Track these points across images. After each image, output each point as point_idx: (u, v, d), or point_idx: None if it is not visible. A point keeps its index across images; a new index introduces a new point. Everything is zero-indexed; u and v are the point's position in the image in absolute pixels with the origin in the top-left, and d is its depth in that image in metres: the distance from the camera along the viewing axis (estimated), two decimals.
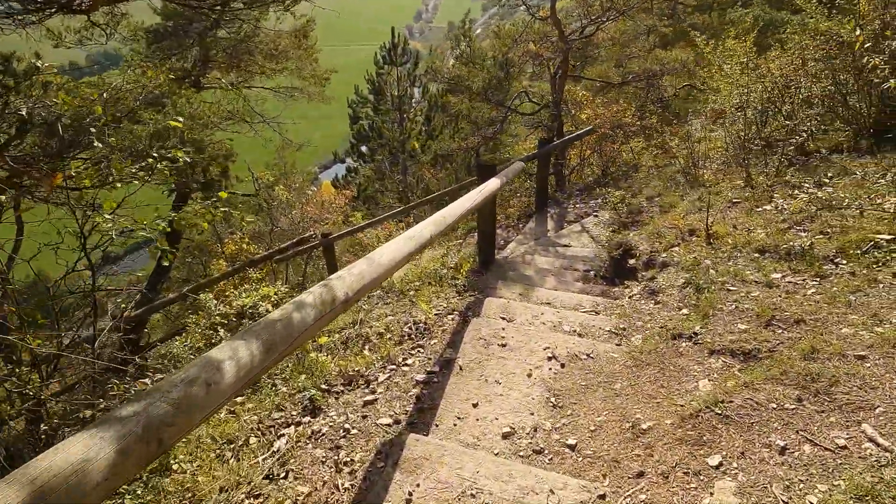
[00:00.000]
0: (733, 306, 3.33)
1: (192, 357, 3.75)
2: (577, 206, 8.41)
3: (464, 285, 4.59)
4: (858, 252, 3.49)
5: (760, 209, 4.77)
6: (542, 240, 7.21)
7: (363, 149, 20.82)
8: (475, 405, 2.90)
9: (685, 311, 3.56)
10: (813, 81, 6.07)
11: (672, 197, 5.89)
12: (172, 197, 12.43)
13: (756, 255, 3.89)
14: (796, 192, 4.94)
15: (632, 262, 4.66)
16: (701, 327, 3.23)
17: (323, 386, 3.20)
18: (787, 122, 6.41)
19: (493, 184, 4.60)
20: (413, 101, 20.67)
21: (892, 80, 4.43)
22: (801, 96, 6.15)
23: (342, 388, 3.19)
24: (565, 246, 6.81)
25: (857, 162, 5.11)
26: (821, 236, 3.85)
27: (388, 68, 19.06)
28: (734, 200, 5.11)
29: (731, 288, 3.54)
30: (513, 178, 5.99)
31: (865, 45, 5.13)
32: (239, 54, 12.12)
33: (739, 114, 7.16)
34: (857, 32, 5.19)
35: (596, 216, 7.55)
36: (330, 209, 10.93)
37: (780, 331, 2.97)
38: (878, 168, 4.81)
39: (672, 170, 8.06)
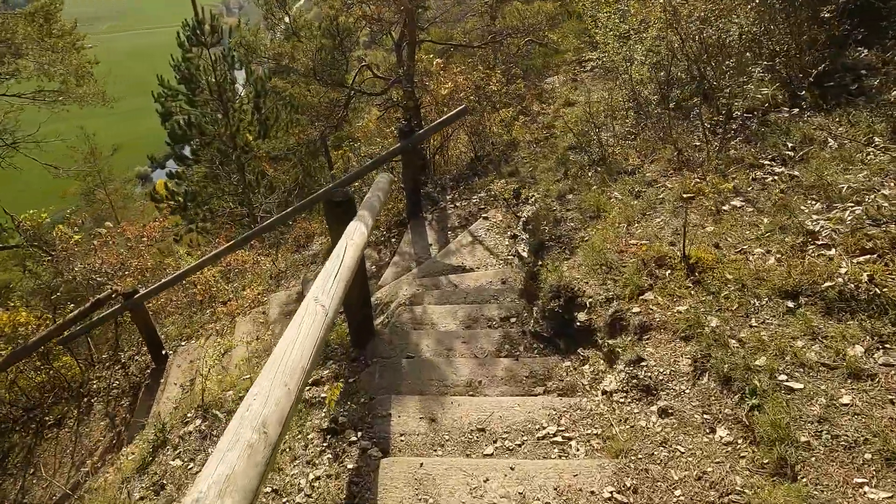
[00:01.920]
0: (825, 434, 1.87)
1: None
2: (458, 203, 6.79)
3: (335, 419, 2.73)
4: None
5: (728, 207, 3.44)
6: (427, 263, 5.50)
7: (186, 150, 17.42)
8: None
9: (728, 435, 2.06)
10: (724, 21, 4.88)
11: (592, 195, 4.43)
12: None
13: (786, 302, 2.49)
14: (759, 173, 3.69)
15: (581, 316, 3.10)
16: (788, 486, 1.73)
17: None
18: (698, 76, 5.24)
19: (357, 239, 2.75)
20: (238, 86, 17.60)
21: None
22: (712, 41, 4.95)
23: None
24: (460, 270, 5.16)
25: (813, 122, 3.98)
26: (870, 260, 2.53)
27: (197, 51, 15.81)
28: (684, 194, 3.74)
29: (794, 385, 2.09)
30: (386, 200, 4.15)
31: None
32: None
33: (635, 69, 5.94)
34: None
35: (486, 218, 5.98)
36: (149, 235, 8.21)
37: None
38: (849, 130, 3.67)
39: (562, 146, 6.70)
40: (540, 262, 4.02)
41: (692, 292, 2.79)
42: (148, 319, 6.46)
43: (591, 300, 3.12)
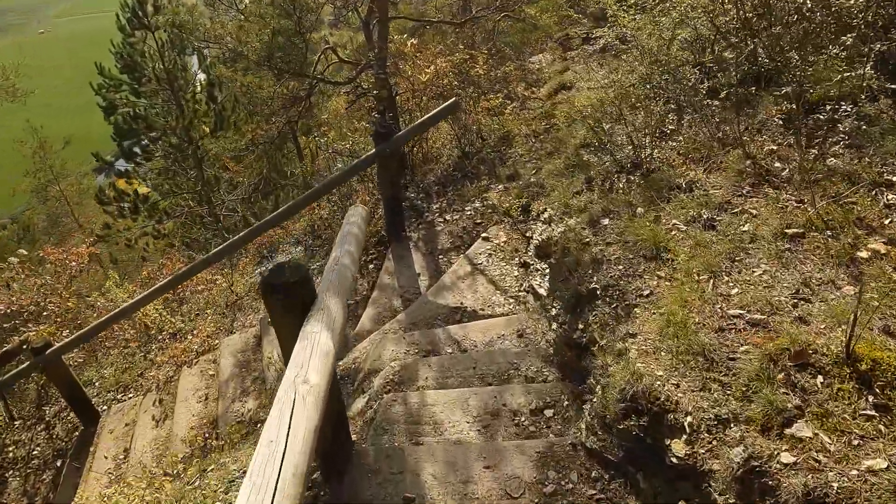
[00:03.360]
0: None
1: None
2: (448, 216, 5.59)
3: None
4: None
5: (867, 254, 2.33)
6: (417, 304, 4.32)
7: (137, 147, 15.66)
8: None
9: None
10: None
11: (642, 224, 3.27)
12: None
13: None
14: (891, 196, 2.60)
15: (678, 447, 1.96)
16: None
17: None
18: (750, 55, 4.12)
19: (318, 369, 1.56)
20: (192, 73, 15.91)
21: None
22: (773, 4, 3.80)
23: None
24: (460, 315, 4.01)
25: None
26: None
27: (141, 34, 14.09)
28: (788, 230, 2.63)
29: None
30: (360, 256, 2.92)
31: None
32: None
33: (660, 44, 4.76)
34: None
35: (486, 239, 4.81)
36: (77, 262, 6.77)
37: None
38: None
39: (572, 143, 5.54)
40: (581, 326, 2.88)
41: (881, 427, 1.68)
42: (68, 375, 5.17)
43: (690, 419, 1.99)
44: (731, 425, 1.90)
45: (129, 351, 6.47)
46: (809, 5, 3.40)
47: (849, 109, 3.17)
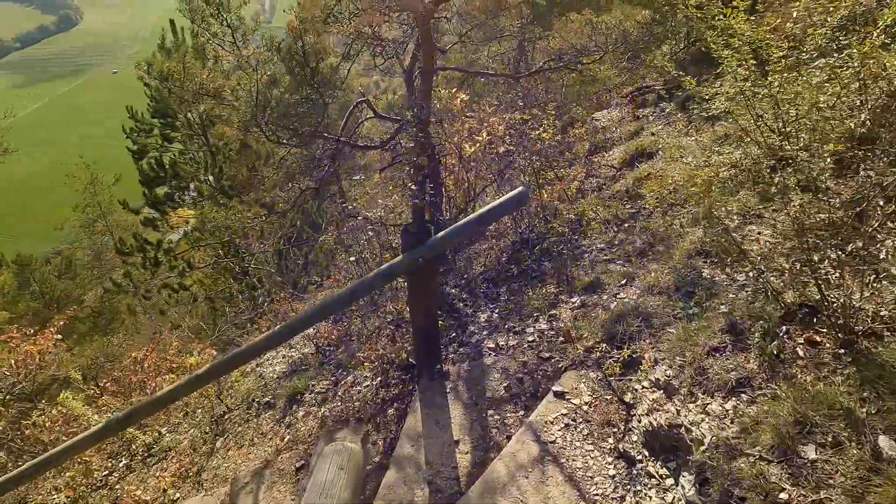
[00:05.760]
0: None
1: None
2: (500, 339, 4.02)
3: None
4: None
5: None
6: None
7: (181, 194, 14.72)
8: None
9: None
10: None
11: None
12: None
13: None
14: None
15: None
16: None
17: None
18: None
19: None
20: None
21: None
22: None
23: None
24: None
25: None
26: None
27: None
28: None
29: None
30: None
31: None
32: None
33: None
34: None
35: (561, 396, 3.20)
36: (40, 351, 5.41)
37: None
38: None
39: (681, 247, 3.94)
40: None
41: None
42: None
43: None
44: None
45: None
46: None
47: None
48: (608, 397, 3.06)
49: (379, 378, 4.12)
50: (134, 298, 15.03)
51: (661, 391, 2.80)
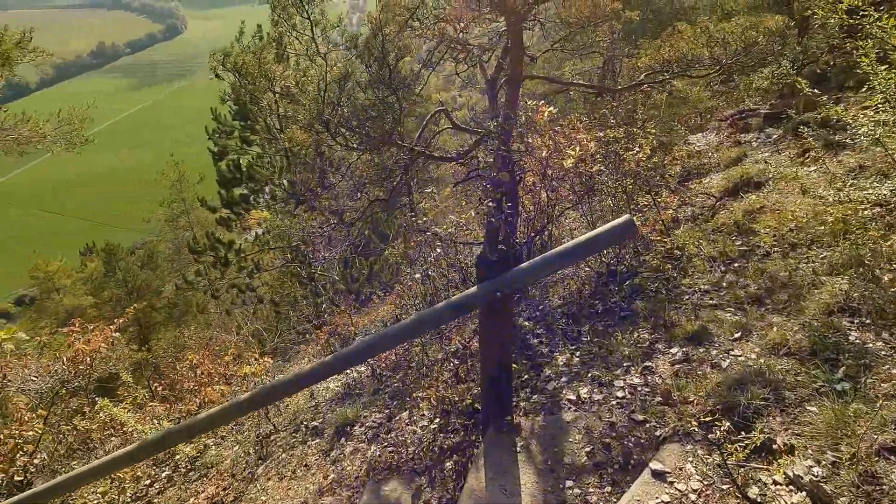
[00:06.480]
0: None
1: None
2: (581, 388, 3.42)
3: None
4: None
5: None
6: None
7: (256, 197, 14.95)
8: None
9: None
10: None
11: None
12: None
13: None
14: None
15: None
16: None
17: None
18: None
19: None
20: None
21: None
22: None
23: None
24: None
25: None
26: None
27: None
28: None
29: None
30: None
31: None
32: None
33: None
34: None
35: (660, 476, 2.57)
36: (93, 349, 5.24)
37: None
38: None
39: (817, 301, 3.21)
40: None
41: None
42: None
43: None
44: None
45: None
46: None
47: None
48: (724, 487, 2.41)
49: (438, 420, 3.61)
50: (204, 296, 15.34)
51: (805, 495, 2.13)
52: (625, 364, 3.51)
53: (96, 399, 4.87)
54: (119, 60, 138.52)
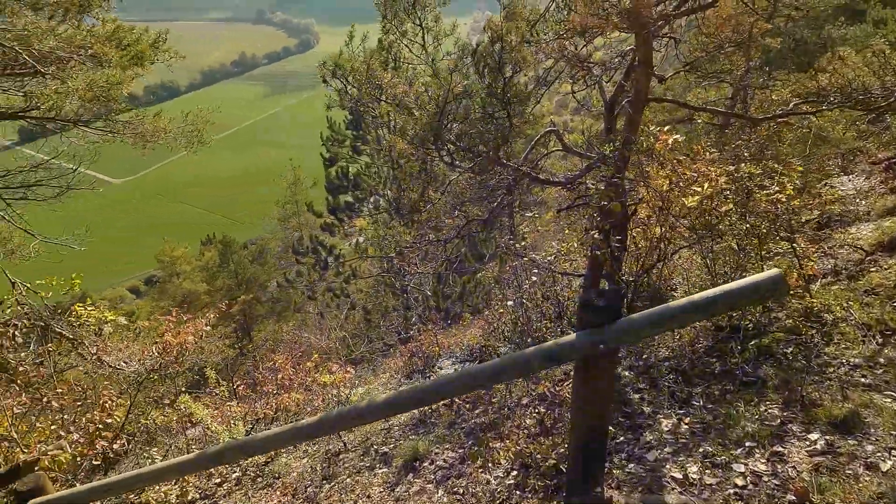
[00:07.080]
0: None
1: None
2: (689, 466, 2.88)
3: None
4: None
5: None
6: None
7: (360, 205, 15.32)
8: None
9: None
10: None
11: None
12: None
13: None
14: None
15: None
16: None
17: None
18: None
19: None
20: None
21: None
22: None
23: None
24: None
25: None
26: None
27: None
28: None
29: None
30: None
31: None
32: None
33: None
34: None
35: None
36: (196, 332, 5.45)
37: None
38: None
39: None
40: None
41: None
42: None
43: None
44: None
45: None
46: None
47: None
48: None
49: (515, 473, 3.21)
50: (302, 296, 15.90)
51: None
52: (747, 444, 2.91)
53: (182, 391, 4.97)
54: (256, 70, 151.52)
